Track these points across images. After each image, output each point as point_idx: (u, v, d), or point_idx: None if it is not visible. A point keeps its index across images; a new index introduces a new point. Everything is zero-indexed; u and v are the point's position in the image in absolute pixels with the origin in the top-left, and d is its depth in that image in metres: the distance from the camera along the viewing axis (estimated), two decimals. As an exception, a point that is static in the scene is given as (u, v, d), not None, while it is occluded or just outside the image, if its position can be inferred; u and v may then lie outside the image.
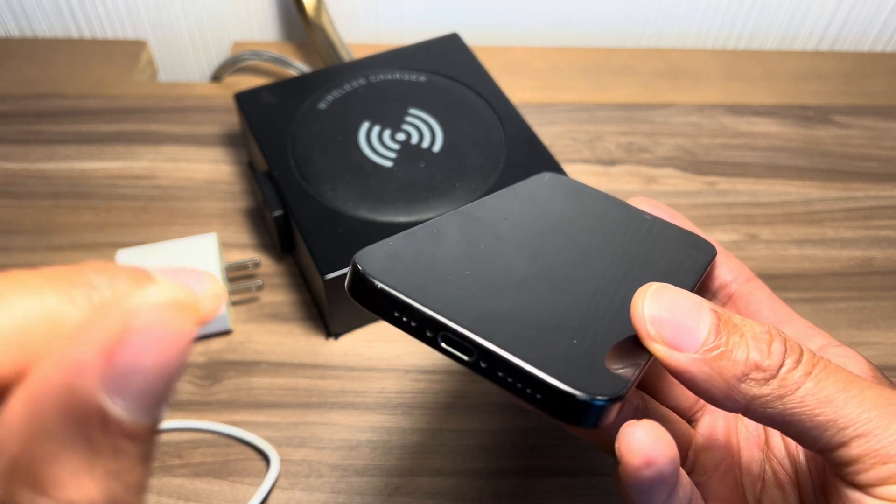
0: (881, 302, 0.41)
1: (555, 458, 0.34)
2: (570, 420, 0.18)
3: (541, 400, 0.18)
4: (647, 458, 0.19)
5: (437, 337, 0.20)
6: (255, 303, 0.39)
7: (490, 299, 0.21)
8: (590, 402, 0.18)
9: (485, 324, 0.20)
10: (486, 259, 0.23)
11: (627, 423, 0.20)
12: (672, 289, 0.20)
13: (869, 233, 0.44)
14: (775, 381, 0.19)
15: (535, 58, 0.53)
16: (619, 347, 0.20)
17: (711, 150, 0.48)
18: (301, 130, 0.40)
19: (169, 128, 0.46)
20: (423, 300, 0.20)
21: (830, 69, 0.53)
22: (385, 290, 0.20)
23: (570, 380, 0.18)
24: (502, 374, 0.19)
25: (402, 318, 0.20)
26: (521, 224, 0.26)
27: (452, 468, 0.34)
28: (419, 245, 0.22)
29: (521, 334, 0.20)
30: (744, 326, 0.20)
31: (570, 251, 0.26)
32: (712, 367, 0.19)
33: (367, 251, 0.21)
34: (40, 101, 0.48)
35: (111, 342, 0.12)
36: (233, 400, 0.35)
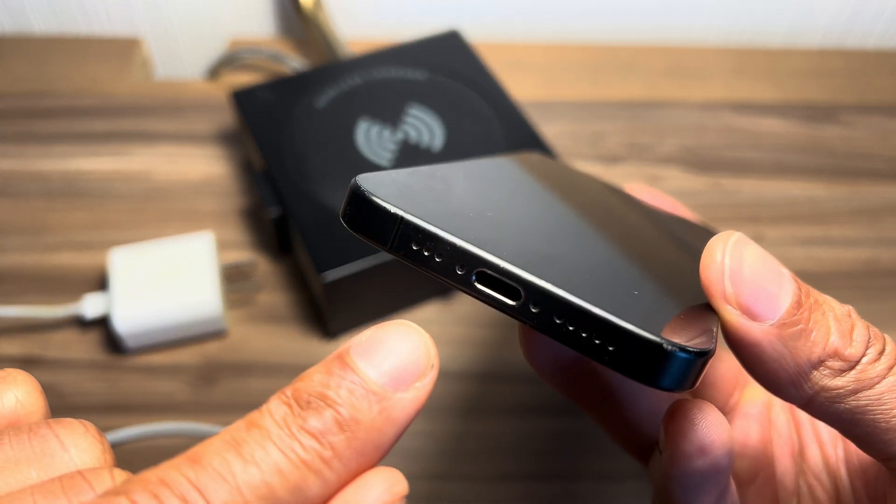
0: (887, 302, 0.40)
1: (557, 462, 0.34)
2: (648, 377, 0.15)
3: (612, 352, 0.15)
4: (701, 443, 0.17)
5: (471, 275, 0.16)
6: (251, 303, 0.38)
7: (527, 240, 0.18)
8: (677, 352, 0.14)
9: (532, 261, 0.16)
10: (508, 206, 0.20)
11: (679, 402, 0.17)
12: (752, 243, 0.17)
13: (875, 232, 0.43)
14: (853, 373, 0.16)
15: (537, 55, 0.52)
16: (684, 312, 0.17)
17: (716, 148, 0.47)
18: (299, 129, 0.40)
19: (165, 126, 0.46)
20: (451, 229, 0.16)
21: (836, 67, 0.53)
22: (400, 215, 0.16)
23: (651, 327, 0.15)
24: (561, 321, 0.15)
25: (423, 251, 0.16)
26: (531, 182, 0.24)
27: (453, 472, 0.33)
28: (426, 182, 0.19)
29: (576, 276, 0.16)
30: (825, 304, 0.17)
31: (590, 212, 0.23)
32: (787, 344, 0.16)
33: (369, 176, 0.17)
34: (35, 99, 0.47)
35: None
36: (229, 403, 0.35)
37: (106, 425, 0.34)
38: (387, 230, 0.16)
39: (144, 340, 0.36)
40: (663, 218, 0.27)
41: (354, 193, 0.17)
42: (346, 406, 0.14)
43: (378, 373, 0.15)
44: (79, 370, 0.36)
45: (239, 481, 0.13)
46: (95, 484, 0.14)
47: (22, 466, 0.15)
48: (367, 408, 0.14)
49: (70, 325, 0.37)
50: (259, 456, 0.14)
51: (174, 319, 0.35)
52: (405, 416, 0.15)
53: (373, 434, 0.14)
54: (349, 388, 0.14)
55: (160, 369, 0.36)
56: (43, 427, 0.15)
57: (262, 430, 0.14)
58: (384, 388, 0.15)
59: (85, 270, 0.39)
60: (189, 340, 0.36)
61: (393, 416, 0.15)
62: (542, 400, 0.36)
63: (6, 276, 0.39)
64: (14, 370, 0.17)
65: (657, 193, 0.29)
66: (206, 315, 0.36)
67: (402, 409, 0.15)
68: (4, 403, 0.16)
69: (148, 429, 0.34)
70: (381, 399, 0.14)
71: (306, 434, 0.14)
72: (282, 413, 0.14)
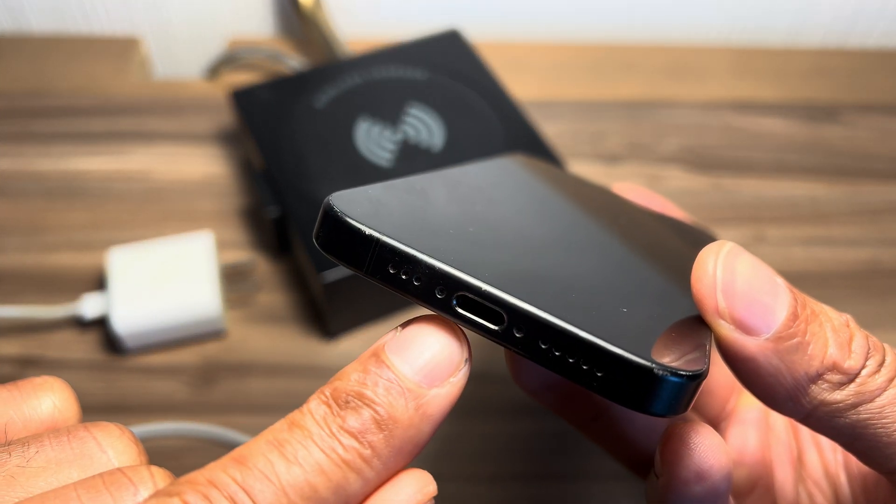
0: (888, 303, 0.40)
1: (556, 463, 0.34)
2: (639, 403, 0.14)
3: (601, 378, 0.14)
4: (699, 469, 0.16)
5: (451, 299, 0.15)
6: (250, 304, 0.38)
7: (509, 258, 0.17)
8: (668, 377, 0.14)
9: (515, 281, 0.15)
10: (489, 219, 0.19)
11: (675, 425, 0.17)
12: (746, 253, 0.16)
13: (876, 233, 0.43)
14: (853, 386, 0.16)
15: (538, 54, 0.52)
16: (673, 327, 0.16)
17: (716, 148, 0.47)
18: (298, 128, 0.39)
19: (164, 126, 0.46)
20: (429, 251, 0.15)
21: (838, 67, 0.53)
22: (375, 236, 0.15)
23: (639, 350, 0.14)
24: (546, 346, 0.15)
25: (400, 274, 0.15)
26: (514, 190, 0.23)
27: (452, 473, 0.33)
28: (403, 198, 0.18)
29: (561, 296, 0.16)
30: (822, 314, 0.16)
31: (575, 219, 0.22)
32: (783, 359, 0.16)
33: (343, 194, 0.16)
34: (33, 99, 0.47)
35: None
36: (228, 403, 0.35)
37: (105, 426, 0.34)
38: (362, 253, 0.16)
39: (143, 341, 0.36)
40: (653, 219, 0.26)
41: (327, 214, 0.16)
42: (383, 405, 0.14)
43: (413, 370, 0.15)
44: (78, 370, 0.36)
45: (283, 482, 0.14)
46: (136, 480, 0.14)
47: (63, 467, 0.15)
48: (404, 405, 0.15)
49: (69, 325, 0.37)
50: (302, 456, 0.14)
51: (173, 320, 0.35)
52: (440, 412, 0.15)
53: (410, 431, 0.15)
54: (386, 386, 0.15)
55: (159, 369, 0.36)
56: (81, 430, 0.16)
57: (304, 430, 0.14)
58: (419, 386, 0.15)
59: (84, 270, 0.39)
60: (188, 340, 0.36)
61: (428, 412, 0.15)
62: (543, 400, 0.36)
63: (5, 275, 0.38)
64: (50, 377, 0.17)
65: (646, 193, 0.29)
66: (205, 315, 0.35)
67: (437, 405, 0.15)
68: (43, 409, 0.17)
69: (148, 429, 0.33)
70: (417, 396, 0.15)
71: (346, 434, 0.14)
72: (321, 413, 0.14)
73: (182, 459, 0.33)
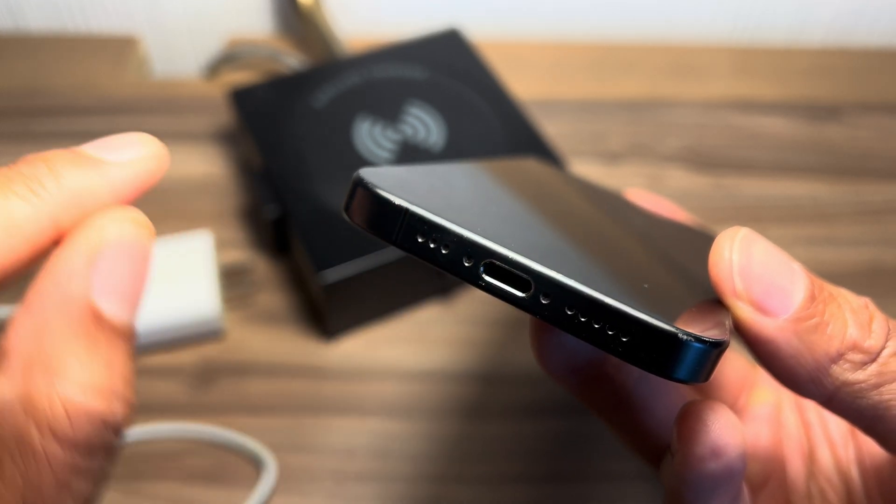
0: (891, 303, 0.40)
1: (560, 463, 0.34)
2: (663, 368, 0.15)
3: (626, 343, 0.15)
4: (714, 445, 0.16)
5: (479, 267, 0.16)
6: (249, 304, 0.38)
7: (532, 234, 0.17)
8: (693, 343, 0.14)
9: (541, 253, 0.16)
10: (510, 204, 0.20)
11: (691, 402, 0.17)
12: (762, 238, 0.17)
13: (879, 232, 0.43)
14: (874, 366, 0.16)
15: (538, 53, 0.52)
16: (694, 307, 0.17)
17: (718, 147, 0.47)
18: (297, 128, 0.39)
19: (162, 125, 0.46)
20: (458, 221, 0.16)
21: (839, 66, 0.52)
22: (406, 206, 0.16)
23: (664, 318, 0.15)
24: (572, 312, 0.15)
25: (429, 243, 0.16)
26: (530, 182, 0.23)
27: (453, 474, 0.33)
28: (427, 179, 0.18)
29: (586, 268, 0.16)
30: (840, 297, 0.17)
31: (591, 213, 0.22)
32: (803, 339, 0.16)
33: (371, 170, 0.17)
34: (31, 98, 0.47)
35: (94, 255, 0.14)
36: (226, 405, 0.35)
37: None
38: (391, 223, 0.16)
39: (141, 341, 0.35)
40: (664, 222, 0.27)
41: (357, 185, 0.16)
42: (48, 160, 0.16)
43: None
44: (75, 371, 0.35)
45: None
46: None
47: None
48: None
49: (66, 325, 0.37)
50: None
51: (171, 320, 0.35)
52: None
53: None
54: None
55: (158, 370, 0.35)
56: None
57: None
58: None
59: (82, 270, 0.39)
60: (187, 341, 0.36)
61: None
62: (544, 401, 0.35)
63: (2, 276, 0.38)
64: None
65: (657, 199, 0.29)
66: (203, 316, 0.35)
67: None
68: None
69: (148, 430, 0.33)
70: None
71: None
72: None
73: (181, 461, 0.33)
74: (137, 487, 0.32)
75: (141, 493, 0.32)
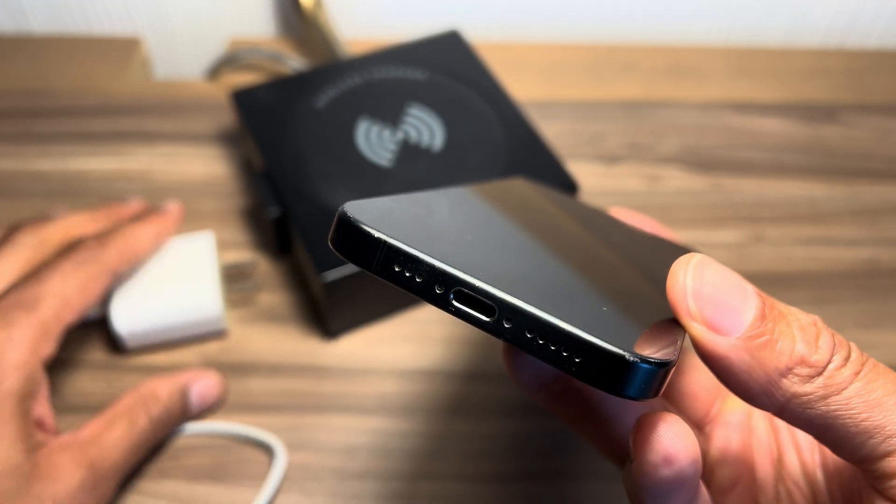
0: (887, 303, 0.40)
1: (555, 462, 0.34)
2: (612, 387, 0.16)
3: (579, 364, 0.16)
4: (666, 454, 0.17)
5: (449, 294, 0.17)
6: (251, 304, 0.38)
7: (503, 262, 0.19)
8: (639, 363, 0.16)
9: (505, 280, 0.17)
10: (487, 231, 0.21)
11: (646, 414, 0.18)
12: (715, 262, 0.18)
13: (875, 232, 0.43)
14: (821, 379, 0.17)
15: (537, 54, 0.52)
16: (651, 327, 0.18)
17: (716, 148, 0.47)
18: (299, 129, 0.39)
19: (164, 126, 0.46)
20: (430, 252, 0.17)
21: (837, 67, 0.53)
22: (383, 239, 0.17)
23: (614, 340, 0.16)
24: (531, 335, 0.16)
25: (405, 272, 0.17)
26: (512, 207, 0.25)
27: (452, 472, 0.33)
28: (409, 208, 0.20)
29: (547, 294, 0.18)
30: (789, 315, 0.18)
31: (568, 234, 0.24)
32: (754, 356, 0.17)
33: (355, 203, 0.18)
34: (34, 99, 0.47)
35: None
36: (229, 403, 0.35)
37: (106, 425, 0.34)
38: (371, 253, 0.18)
39: (144, 340, 0.36)
40: (643, 239, 0.28)
41: (341, 220, 0.18)
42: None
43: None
44: (78, 370, 0.36)
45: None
46: None
47: None
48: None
49: (70, 325, 0.37)
50: None
51: (174, 319, 0.35)
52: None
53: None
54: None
55: (160, 369, 0.36)
56: None
57: None
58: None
59: (85, 270, 0.39)
60: (189, 340, 0.36)
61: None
62: (542, 400, 0.36)
63: (6, 275, 0.38)
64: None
65: (639, 216, 0.30)
66: (206, 315, 0.36)
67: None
68: None
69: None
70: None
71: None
72: None
73: (184, 459, 0.33)
74: (140, 486, 0.32)
75: (143, 493, 0.32)
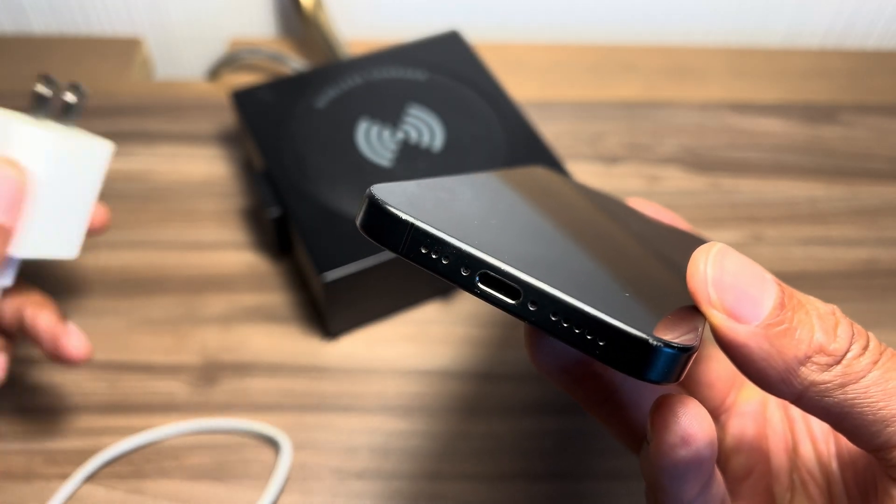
0: (887, 302, 0.40)
1: (558, 462, 0.34)
2: (636, 370, 0.16)
3: (603, 347, 0.16)
4: (684, 434, 0.18)
5: (475, 276, 0.17)
6: (251, 304, 0.38)
7: (527, 246, 0.19)
8: (662, 348, 0.16)
9: (530, 264, 0.17)
10: (510, 216, 0.21)
11: (664, 396, 0.18)
12: (735, 252, 0.18)
13: (875, 233, 0.43)
14: (839, 367, 0.17)
15: (537, 55, 0.52)
16: (672, 313, 0.18)
17: (715, 148, 0.47)
18: (299, 129, 0.40)
19: (165, 126, 0.46)
20: (457, 235, 0.18)
21: (836, 67, 0.53)
22: (411, 221, 0.18)
23: (638, 325, 0.16)
24: (556, 318, 0.17)
25: (431, 254, 0.18)
26: (534, 193, 0.25)
27: (453, 472, 0.34)
28: (434, 193, 0.20)
29: (572, 278, 0.18)
30: (808, 304, 0.18)
31: (590, 222, 0.24)
32: (773, 344, 0.17)
33: (382, 187, 0.19)
34: (35, 99, 0.47)
35: None
36: (229, 402, 0.35)
37: (106, 425, 0.34)
38: (398, 236, 0.18)
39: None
40: (662, 229, 0.28)
41: (370, 202, 0.18)
42: None
43: None
44: (79, 370, 0.36)
45: None
46: None
47: None
48: None
49: (70, 324, 0.37)
50: None
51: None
52: None
53: None
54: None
55: (160, 369, 0.36)
56: None
57: None
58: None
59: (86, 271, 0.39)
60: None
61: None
62: (542, 399, 0.36)
63: (7, 275, 0.39)
64: None
65: (657, 207, 0.31)
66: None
67: None
68: None
69: (165, 430, 0.34)
70: None
71: None
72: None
73: (183, 459, 0.33)
74: (140, 486, 0.33)
75: (144, 493, 0.32)
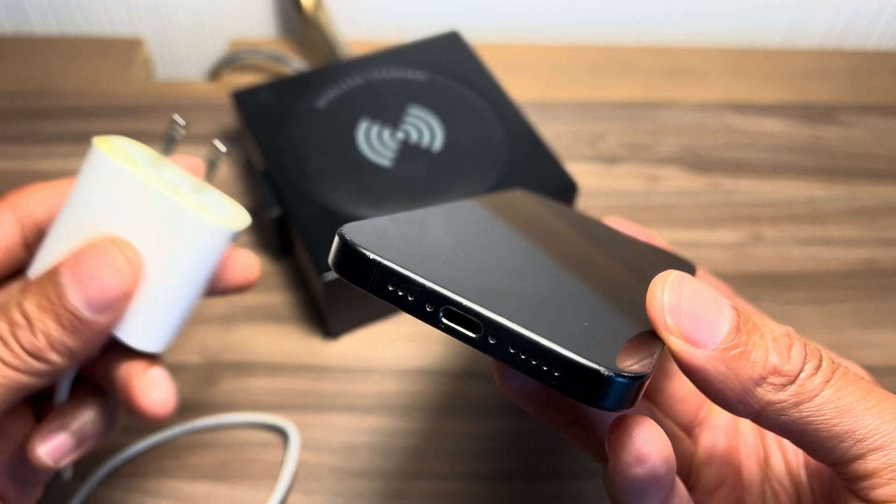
0: (886, 302, 0.40)
1: (555, 461, 0.34)
2: (590, 399, 0.17)
3: (558, 378, 0.17)
4: (638, 453, 0.18)
5: (438, 312, 0.18)
6: (251, 303, 0.38)
7: (491, 279, 0.20)
8: (614, 378, 0.17)
9: (491, 298, 0.18)
10: (479, 247, 0.22)
11: (620, 417, 0.19)
12: (692, 279, 0.19)
13: (874, 233, 0.43)
14: (793, 387, 0.18)
15: (537, 55, 0.52)
16: (631, 339, 0.19)
17: (715, 148, 0.47)
18: (299, 129, 0.40)
19: (165, 126, 0.46)
20: (422, 272, 0.18)
21: (835, 67, 0.53)
22: (378, 260, 0.19)
23: (591, 356, 0.17)
24: (514, 351, 0.18)
25: (398, 291, 0.19)
26: (506, 221, 0.26)
27: (452, 471, 0.34)
28: (404, 228, 0.21)
29: (531, 311, 0.19)
30: (763, 327, 0.19)
31: (561, 247, 0.25)
32: (729, 367, 0.18)
33: (353, 225, 0.20)
34: (35, 100, 0.47)
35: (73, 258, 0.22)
36: (230, 402, 0.35)
37: (107, 424, 0.34)
38: (367, 274, 0.19)
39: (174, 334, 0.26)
40: (638, 247, 0.29)
41: (340, 242, 0.19)
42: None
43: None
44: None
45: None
46: None
47: None
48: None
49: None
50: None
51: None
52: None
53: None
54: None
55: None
56: None
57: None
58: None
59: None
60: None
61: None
62: (542, 399, 0.36)
63: (8, 275, 0.39)
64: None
65: (633, 225, 0.31)
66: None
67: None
68: None
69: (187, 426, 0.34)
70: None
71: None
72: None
73: (184, 459, 0.33)
74: (141, 486, 0.33)
75: (145, 492, 0.33)
